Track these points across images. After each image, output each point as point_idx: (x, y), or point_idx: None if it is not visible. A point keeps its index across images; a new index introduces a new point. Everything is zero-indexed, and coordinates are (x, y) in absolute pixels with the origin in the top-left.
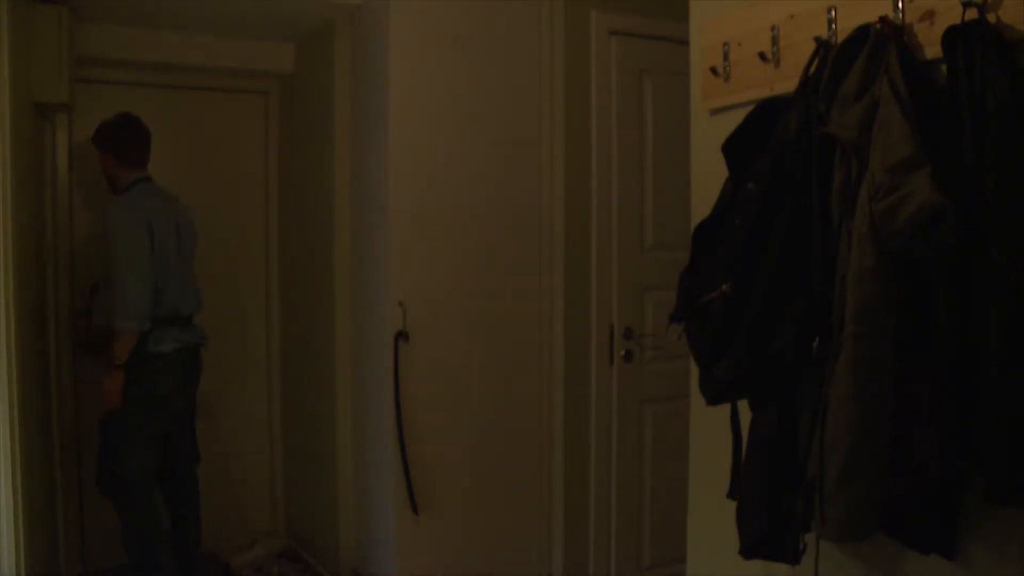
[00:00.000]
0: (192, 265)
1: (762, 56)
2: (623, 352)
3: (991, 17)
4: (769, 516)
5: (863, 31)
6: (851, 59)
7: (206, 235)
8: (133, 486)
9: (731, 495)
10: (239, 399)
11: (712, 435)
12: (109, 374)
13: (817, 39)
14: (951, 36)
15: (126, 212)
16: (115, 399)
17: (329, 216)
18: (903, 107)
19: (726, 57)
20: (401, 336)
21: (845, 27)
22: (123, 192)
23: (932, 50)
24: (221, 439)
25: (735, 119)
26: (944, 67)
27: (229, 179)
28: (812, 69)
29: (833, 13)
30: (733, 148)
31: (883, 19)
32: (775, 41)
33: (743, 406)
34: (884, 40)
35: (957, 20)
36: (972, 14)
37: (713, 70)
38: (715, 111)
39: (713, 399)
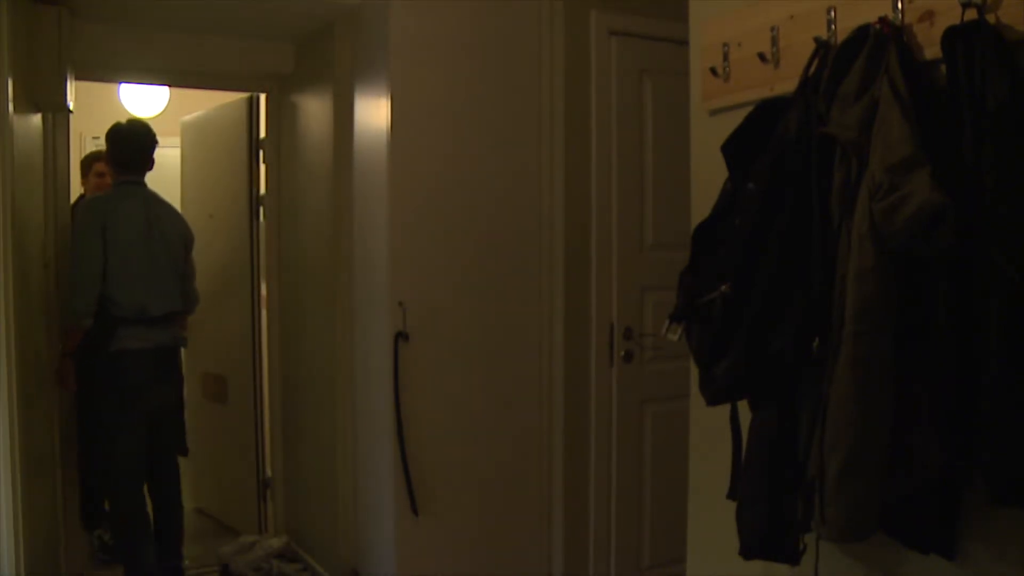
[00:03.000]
0: (171, 267)
1: (762, 56)
2: (623, 352)
3: (991, 17)
4: (769, 516)
5: (863, 31)
6: (851, 59)
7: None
8: (116, 479)
9: (731, 495)
10: (239, 399)
11: (712, 435)
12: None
13: (817, 39)
14: (951, 36)
15: (83, 211)
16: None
17: (329, 216)
18: (903, 107)
19: (726, 57)
20: (401, 336)
21: (845, 27)
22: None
23: (932, 50)
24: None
25: (735, 119)
26: (944, 67)
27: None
28: (812, 69)
29: (833, 13)
30: (733, 148)
31: (883, 19)
32: (775, 41)
33: (743, 406)
34: (884, 40)
35: (957, 20)
36: (972, 14)
37: (713, 70)
38: (715, 111)
39: (713, 399)
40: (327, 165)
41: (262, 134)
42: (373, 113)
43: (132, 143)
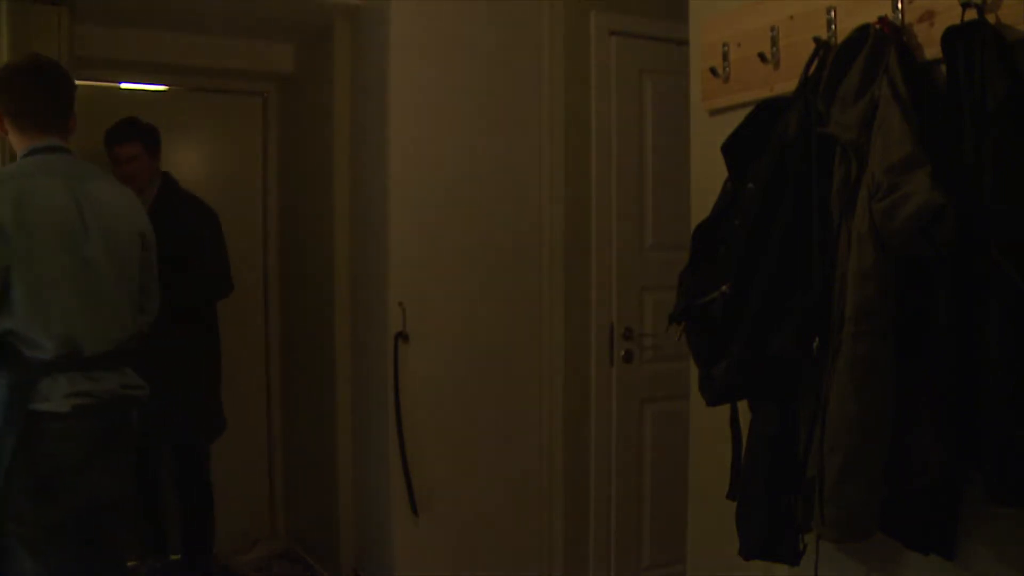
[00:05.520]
0: (126, 279)
1: (762, 57)
2: (623, 352)
3: (990, 17)
4: (769, 517)
5: (863, 31)
6: (851, 59)
7: None
8: None
9: (731, 496)
10: (238, 399)
11: (712, 435)
12: None
13: (817, 40)
14: (950, 36)
15: None
16: None
17: (329, 216)
18: (903, 107)
19: (726, 57)
20: (401, 336)
21: (845, 28)
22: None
23: (932, 50)
24: (221, 440)
25: (735, 120)
26: (944, 67)
27: (228, 180)
28: (812, 69)
29: (833, 14)
30: (733, 148)
31: (883, 19)
32: (775, 41)
33: (743, 406)
34: (884, 40)
35: (956, 20)
36: (971, 14)
37: (713, 70)
38: (715, 112)
39: (713, 400)
40: (327, 165)
41: None
42: (373, 113)
43: (39, 82)
